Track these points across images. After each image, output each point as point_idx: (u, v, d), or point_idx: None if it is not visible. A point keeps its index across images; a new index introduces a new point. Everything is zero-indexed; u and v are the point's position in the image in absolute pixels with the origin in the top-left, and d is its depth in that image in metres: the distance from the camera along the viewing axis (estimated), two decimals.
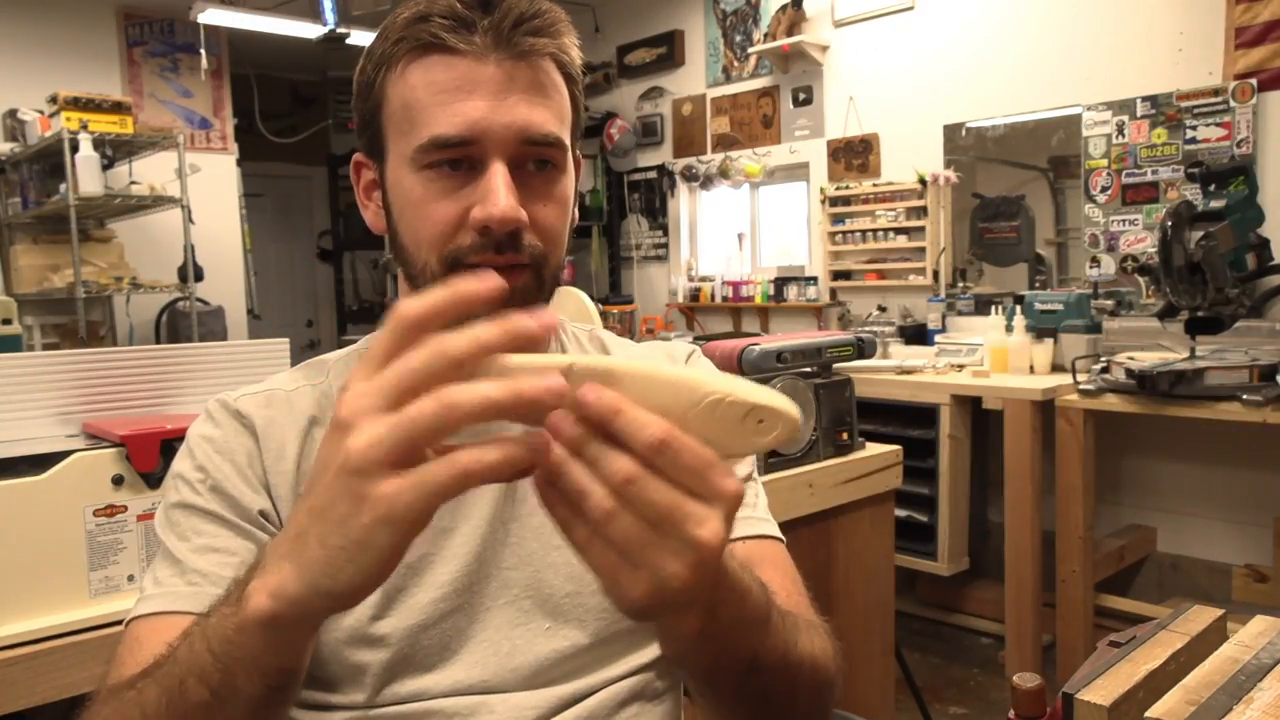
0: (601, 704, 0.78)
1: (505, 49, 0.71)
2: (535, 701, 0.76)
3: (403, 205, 0.74)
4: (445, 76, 0.70)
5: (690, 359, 0.92)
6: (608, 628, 0.78)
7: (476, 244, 0.71)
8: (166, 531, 0.75)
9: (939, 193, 3.92)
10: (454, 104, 0.70)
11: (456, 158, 0.71)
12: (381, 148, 0.76)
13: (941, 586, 3.33)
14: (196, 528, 0.74)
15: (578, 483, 0.45)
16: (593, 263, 5.51)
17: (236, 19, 4.48)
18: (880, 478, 1.98)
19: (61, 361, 1.37)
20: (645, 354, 0.93)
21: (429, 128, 0.70)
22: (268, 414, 0.78)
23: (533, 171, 0.73)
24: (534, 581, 0.78)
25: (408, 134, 0.72)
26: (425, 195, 0.72)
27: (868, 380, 3.08)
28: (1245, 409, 2.47)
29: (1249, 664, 0.66)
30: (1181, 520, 3.26)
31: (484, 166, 0.71)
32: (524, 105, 0.71)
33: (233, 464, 0.76)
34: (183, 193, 4.04)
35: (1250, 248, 2.89)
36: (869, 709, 0.94)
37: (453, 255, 0.72)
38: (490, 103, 0.70)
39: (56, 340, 4.27)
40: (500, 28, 0.70)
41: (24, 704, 1.11)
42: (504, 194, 0.69)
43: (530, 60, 0.72)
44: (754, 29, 4.64)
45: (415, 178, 0.72)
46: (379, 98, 0.75)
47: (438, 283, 0.66)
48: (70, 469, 1.18)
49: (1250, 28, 3.08)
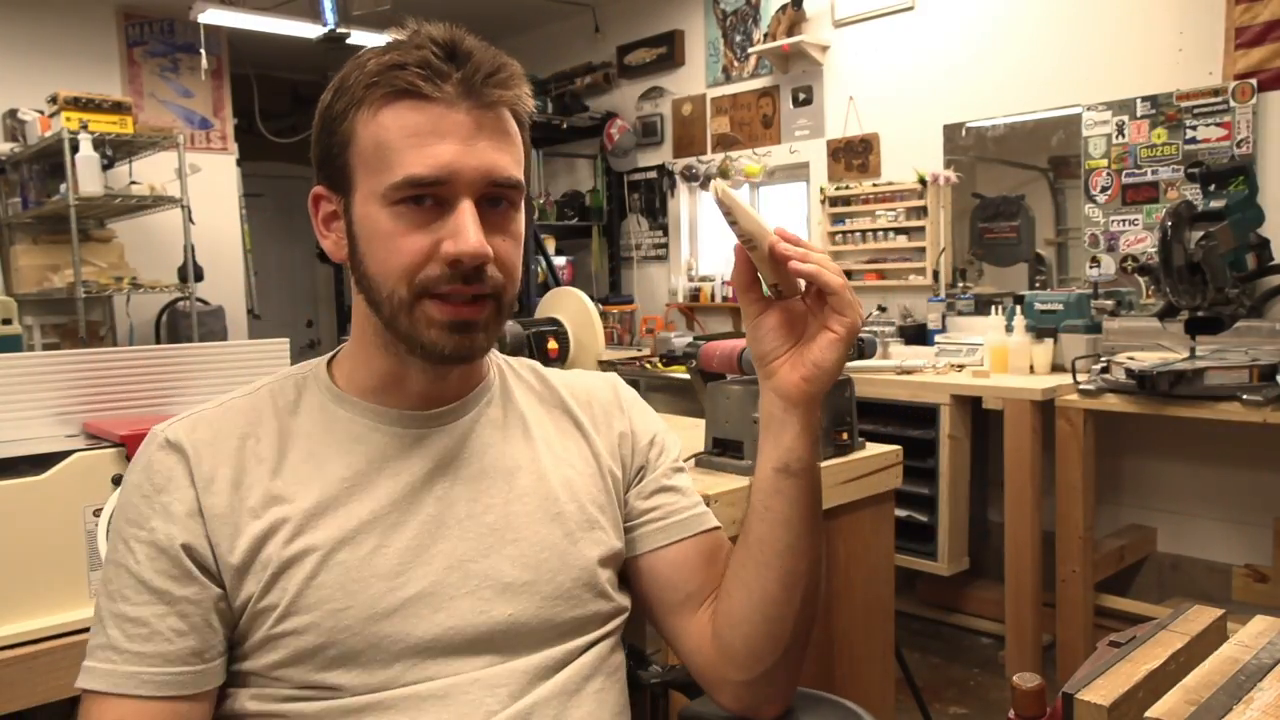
0: (570, 678, 0.86)
1: (474, 98, 0.77)
2: (505, 679, 0.82)
3: (370, 237, 0.79)
4: (418, 120, 0.77)
5: (618, 393, 1.02)
6: (562, 611, 0.86)
7: (445, 275, 0.78)
8: (102, 585, 0.81)
9: (939, 193, 3.92)
10: (427, 146, 0.76)
11: (426, 195, 0.77)
12: (348, 182, 0.81)
13: (941, 586, 3.33)
14: (123, 592, 0.79)
15: (815, 255, 0.81)
16: (593, 263, 5.51)
17: (236, 19, 4.48)
18: (880, 478, 1.98)
19: (61, 361, 1.37)
20: (572, 381, 1.01)
21: (403, 168, 0.76)
22: (196, 439, 0.82)
23: (490, 209, 0.80)
24: (491, 571, 0.85)
25: (379, 172, 0.77)
26: (395, 229, 0.78)
27: (868, 380, 3.08)
28: (1245, 409, 2.47)
29: (1249, 664, 0.66)
30: (1181, 520, 3.26)
31: (452, 205, 0.77)
32: (491, 150, 0.78)
33: (160, 507, 0.80)
34: (183, 193, 4.05)
35: (1250, 248, 2.89)
36: (869, 709, 0.94)
37: (422, 285, 0.78)
38: (461, 147, 0.77)
39: (56, 340, 4.27)
40: (471, 79, 0.77)
41: (24, 704, 1.11)
42: (474, 231, 0.76)
43: (495, 110, 0.79)
44: (754, 29, 4.64)
45: (385, 212, 0.78)
46: (347, 135, 0.80)
47: (403, 309, 0.78)
48: (70, 469, 1.18)
49: (1250, 28, 3.08)
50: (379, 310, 0.81)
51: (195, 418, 0.84)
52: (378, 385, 0.86)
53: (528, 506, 0.88)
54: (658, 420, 1.02)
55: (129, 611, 0.78)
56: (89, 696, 0.78)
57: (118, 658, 0.77)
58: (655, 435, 0.99)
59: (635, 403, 1.02)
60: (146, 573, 0.78)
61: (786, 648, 0.89)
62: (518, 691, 0.82)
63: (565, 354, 2.65)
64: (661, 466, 0.98)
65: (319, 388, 0.88)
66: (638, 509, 0.96)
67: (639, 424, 0.99)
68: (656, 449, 0.99)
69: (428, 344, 0.80)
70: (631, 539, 0.95)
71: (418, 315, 0.79)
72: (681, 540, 0.95)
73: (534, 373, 0.99)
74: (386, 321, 0.81)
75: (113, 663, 0.77)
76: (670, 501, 0.96)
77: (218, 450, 0.82)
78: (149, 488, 0.80)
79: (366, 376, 0.87)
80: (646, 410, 1.02)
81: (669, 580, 0.94)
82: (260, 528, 0.79)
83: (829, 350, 0.82)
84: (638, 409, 1.01)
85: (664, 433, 1.01)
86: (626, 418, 0.99)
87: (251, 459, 0.82)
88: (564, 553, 0.88)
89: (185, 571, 0.78)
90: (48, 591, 1.16)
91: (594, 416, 0.97)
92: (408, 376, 0.85)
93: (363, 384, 0.87)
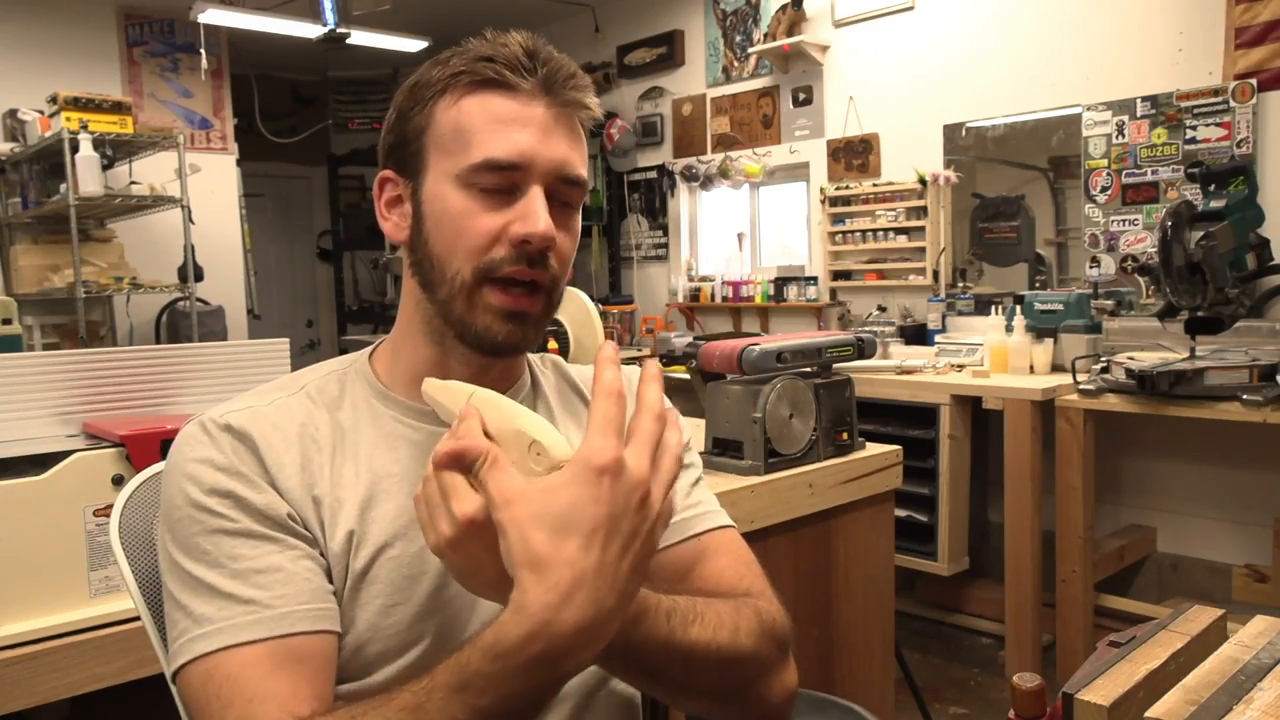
0: (585, 681, 0.85)
1: (553, 96, 0.81)
2: None
3: (440, 216, 0.81)
4: (502, 108, 0.80)
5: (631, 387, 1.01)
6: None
7: (511, 256, 0.79)
8: (192, 564, 0.75)
9: (939, 193, 3.92)
10: (508, 132, 0.79)
11: (499, 182, 0.79)
12: (419, 165, 0.83)
13: (941, 586, 3.33)
14: (230, 552, 0.74)
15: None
16: (593, 263, 5.51)
17: (236, 19, 4.48)
18: (880, 478, 1.98)
19: (61, 361, 1.38)
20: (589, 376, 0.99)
21: (483, 149, 0.79)
22: (259, 428, 0.80)
23: (555, 206, 0.81)
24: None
25: (456, 154, 0.80)
26: (468, 209, 0.80)
27: (868, 380, 3.08)
28: (1245, 409, 2.47)
29: (1249, 664, 0.66)
30: (1181, 520, 3.26)
31: (522, 191, 0.80)
32: (565, 145, 0.82)
33: (242, 477, 0.77)
34: (183, 193, 4.04)
35: (1250, 248, 2.89)
36: (869, 709, 0.94)
37: (487, 265, 0.80)
38: (538, 137, 0.80)
39: (56, 340, 4.27)
40: (552, 79, 0.81)
41: (24, 704, 1.11)
42: (544, 216, 0.79)
43: (570, 110, 0.83)
44: (754, 29, 4.64)
45: (459, 193, 0.80)
46: (425, 121, 0.82)
47: (463, 293, 0.79)
48: (70, 469, 1.18)
49: (1250, 28, 3.08)
50: (435, 292, 0.82)
51: (252, 411, 0.82)
52: (420, 377, 0.84)
53: None
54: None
55: (253, 564, 0.74)
56: (216, 658, 0.71)
57: (256, 609, 0.72)
58: None
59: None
60: (256, 525, 0.75)
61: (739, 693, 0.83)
62: None
63: (565, 354, 2.64)
64: None
65: (362, 382, 0.88)
66: None
67: None
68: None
69: (481, 330, 0.81)
70: None
71: (476, 300, 0.80)
72: (661, 550, 0.90)
73: (556, 369, 1.00)
74: (441, 305, 0.81)
75: (253, 613, 0.72)
76: None
77: (285, 440, 0.80)
78: (223, 462, 0.77)
79: (409, 367, 0.86)
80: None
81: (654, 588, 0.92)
82: (325, 520, 0.79)
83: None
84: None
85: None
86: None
87: (312, 451, 0.81)
88: None
89: (292, 530, 0.77)
90: (48, 591, 1.16)
91: None
92: (450, 368, 0.85)
93: (405, 376, 0.87)
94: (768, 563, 0.94)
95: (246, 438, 0.79)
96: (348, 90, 6.59)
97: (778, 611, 0.86)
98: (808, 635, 1.86)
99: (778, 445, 1.81)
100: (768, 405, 1.78)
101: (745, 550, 0.94)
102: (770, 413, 1.79)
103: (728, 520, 0.96)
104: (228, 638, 0.71)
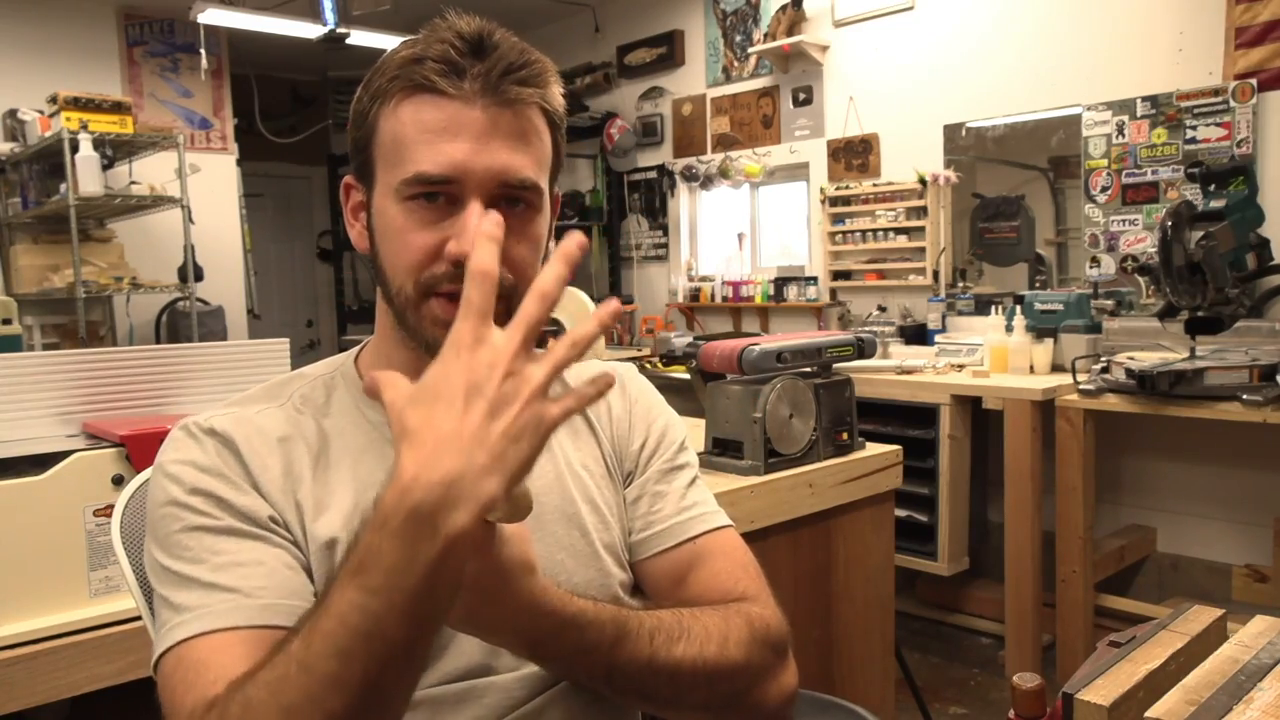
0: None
1: (492, 96, 0.76)
2: (520, 683, 0.82)
3: (384, 231, 0.80)
4: (433, 117, 0.76)
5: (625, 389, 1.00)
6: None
7: (449, 274, 0.77)
8: (173, 561, 0.75)
9: (939, 193, 3.92)
10: (439, 144, 0.75)
11: (437, 193, 0.77)
12: (370, 174, 0.81)
13: (941, 586, 3.33)
14: (212, 548, 0.74)
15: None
16: (593, 263, 5.51)
17: (236, 19, 4.47)
18: (880, 478, 1.98)
19: (61, 361, 1.38)
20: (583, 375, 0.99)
21: (414, 164, 0.76)
22: (243, 432, 0.81)
23: (508, 210, 0.77)
24: None
25: (394, 166, 0.78)
26: (405, 225, 0.78)
27: (868, 380, 3.08)
28: (1245, 409, 2.47)
29: (1249, 664, 0.66)
30: (1181, 520, 3.26)
31: (462, 203, 0.76)
32: (505, 151, 0.77)
33: (224, 479, 0.77)
34: (183, 193, 4.04)
35: (1250, 248, 2.89)
36: (869, 709, 0.94)
37: (427, 283, 0.78)
38: (472, 146, 0.75)
39: (56, 340, 4.27)
40: (489, 76, 0.76)
41: (24, 704, 1.11)
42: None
43: (515, 108, 0.77)
44: (754, 29, 4.64)
45: (398, 208, 0.78)
46: (371, 128, 0.80)
47: (410, 306, 0.77)
48: (70, 469, 1.18)
49: (1250, 28, 3.08)
50: (391, 303, 0.81)
51: (236, 416, 0.82)
52: None
53: (545, 508, 0.87)
54: (660, 412, 0.99)
55: (235, 558, 0.74)
56: (191, 643, 0.70)
57: (237, 597, 0.72)
58: (648, 436, 0.96)
59: (640, 397, 0.99)
60: (238, 523, 0.76)
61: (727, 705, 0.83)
62: (532, 692, 0.82)
63: None
64: (652, 468, 0.95)
65: (348, 386, 0.88)
66: (627, 515, 0.94)
67: (636, 422, 0.97)
68: (648, 450, 0.96)
69: (432, 342, 0.79)
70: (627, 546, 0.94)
71: (423, 313, 0.79)
72: (656, 555, 0.91)
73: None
74: (398, 314, 0.81)
75: (233, 600, 0.71)
76: (653, 510, 0.93)
77: (268, 445, 0.81)
78: (205, 463, 0.78)
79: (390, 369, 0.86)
80: (650, 404, 0.99)
81: (650, 593, 0.92)
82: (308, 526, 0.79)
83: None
84: (640, 405, 0.98)
85: (661, 427, 0.98)
86: (628, 417, 0.97)
87: (295, 457, 0.81)
88: (579, 554, 0.87)
89: (274, 531, 0.77)
90: (48, 591, 1.16)
91: (600, 414, 0.96)
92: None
93: None
94: (767, 563, 0.94)
95: (230, 441, 0.79)
96: (348, 90, 6.49)
97: (772, 615, 0.85)
98: (808, 635, 1.86)
99: (778, 445, 1.81)
100: (768, 405, 1.78)
101: (742, 551, 0.93)
102: (770, 413, 1.79)
103: (725, 520, 0.94)
104: (204, 624, 0.71)
